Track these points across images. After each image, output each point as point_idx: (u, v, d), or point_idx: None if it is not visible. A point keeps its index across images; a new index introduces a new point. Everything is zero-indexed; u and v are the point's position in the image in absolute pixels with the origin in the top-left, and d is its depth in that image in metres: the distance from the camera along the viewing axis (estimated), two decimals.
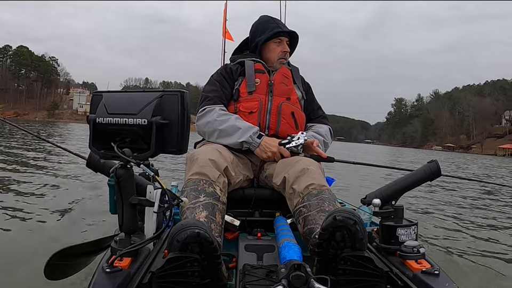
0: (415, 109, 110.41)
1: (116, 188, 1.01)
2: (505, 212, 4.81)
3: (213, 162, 1.37)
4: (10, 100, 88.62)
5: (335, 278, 0.96)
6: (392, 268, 1.06)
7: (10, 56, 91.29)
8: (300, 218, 1.30)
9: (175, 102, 1.01)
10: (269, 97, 1.68)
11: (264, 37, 1.76)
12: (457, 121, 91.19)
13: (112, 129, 1.01)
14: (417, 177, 1.31)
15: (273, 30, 1.76)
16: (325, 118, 1.89)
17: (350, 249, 0.95)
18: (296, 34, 1.84)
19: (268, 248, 1.28)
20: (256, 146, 1.56)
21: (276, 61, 1.78)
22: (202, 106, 1.65)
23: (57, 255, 1.03)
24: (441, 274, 0.98)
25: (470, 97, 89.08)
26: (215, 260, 0.93)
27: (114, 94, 1.08)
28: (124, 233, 1.04)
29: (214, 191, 1.29)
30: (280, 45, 1.79)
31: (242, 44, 1.91)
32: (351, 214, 0.95)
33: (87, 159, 1.36)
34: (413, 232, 1.16)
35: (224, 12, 4.12)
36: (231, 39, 3.86)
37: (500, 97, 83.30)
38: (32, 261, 1.86)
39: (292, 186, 1.38)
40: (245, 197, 1.59)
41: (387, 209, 1.19)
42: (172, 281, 0.91)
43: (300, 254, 1.06)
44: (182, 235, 0.89)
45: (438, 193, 6.06)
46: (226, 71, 1.75)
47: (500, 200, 5.81)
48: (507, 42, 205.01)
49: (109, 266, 0.92)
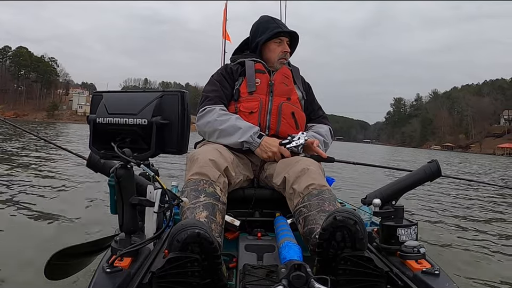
0: (414, 109, 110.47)
1: (116, 188, 1.01)
2: (506, 212, 4.81)
3: (213, 163, 1.37)
4: (10, 101, 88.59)
5: (335, 278, 0.96)
6: (392, 268, 1.06)
7: (10, 57, 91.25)
8: (300, 218, 1.30)
9: (175, 102, 1.01)
10: (269, 97, 1.68)
11: (265, 37, 1.76)
12: (456, 121, 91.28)
13: (112, 129, 1.01)
14: (417, 177, 1.31)
15: (274, 30, 1.76)
16: (325, 118, 1.89)
17: (350, 249, 0.95)
18: (296, 35, 1.84)
19: (268, 248, 1.28)
20: (256, 146, 1.56)
21: (276, 61, 1.78)
22: (203, 106, 1.65)
23: (57, 255, 1.03)
24: (441, 274, 0.98)
25: (468, 96, 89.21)
26: (215, 260, 0.93)
27: (114, 94, 1.08)
28: (124, 233, 1.04)
29: (214, 191, 1.29)
30: (281, 45, 1.79)
31: (243, 43, 1.91)
32: (351, 214, 0.95)
33: (87, 159, 1.36)
34: (413, 232, 1.16)
35: (224, 12, 4.12)
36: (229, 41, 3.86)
37: (498, 96, 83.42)
38: (32, 261, 1.86)
39: (292, 186, 1.38)
40: (245, 197, 1.59)
41: (387, 209, 1.19)
42: (172, 281, 0.91)
43: (300, 254, 1.06)
44: (182, 235, 0.89)
45: (438, 193, 6.06)
46: (227, 71, 1.75)
47: (500, 200, 5.81)
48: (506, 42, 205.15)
49: (109, 266, 0.92)
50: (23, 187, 4.00)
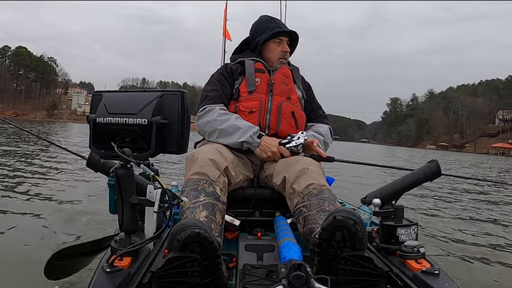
0: (410, 109, 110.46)
1: (116, 187, 1.01)
2: (506, 210, 4.82)
3: (213, 162, 1.37)
4: (9, 100, 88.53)
5: (335, 278, 0.96)
6: (392, 268, 1.06)
7: (9, 57, 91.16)
8: (300, 218, 1.30)
9: (175, 101, 1.01)
10: (269, 96, 1.68)
11: (264, 37, 1.76)
12: (451, 121, 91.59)
13: (112, 129, 1.01)
14: (417, 177, 1.31)
15: (273, 30, 1.76)
16: (325, 117, 1.89)
17: (350, 249, 0.95)
18: (296, 34, 1.84)
19: (268, 248, 1.28)
20: (256, 146, 1.56)
21: (276, 60, 1.78)
22: (203, 105, 1.65)
23: (57, 255, 1.03)
24: (441, 274, 0.98)
25: (463, 97, 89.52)
26: (215, 259, 0.93)
27: (114, 94, 1.08)
28: (124, 233, 1.04)
29: (214, 191, 1.29)
30: (280, 45, 1.79)
31: (243, 43, 1.91)
32: (351, 214, 0.95)
33: (87, 159, 1.36)
34: (413, 232, 1.16)
35: (224, 12, 4.12)
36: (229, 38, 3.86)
37: (493, 97, 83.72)
38: (32, 261, 1.86)
39: (292, 186, 1.38)
40: (245, 196, 1.59)
41: (387, 209, 1.19)
42: (172, 281, 0.91)
43: (300, 254, 1.06)
44: (182, 235, 0.89)
45: (438, 192, 6.07)
46: (227, 70, 1.75)
47: (499, 199, 5.82)
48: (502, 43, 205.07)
49: (109, 266, 0.92)
50: (22, 187, 4.00)
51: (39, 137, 2.06)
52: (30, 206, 3.19)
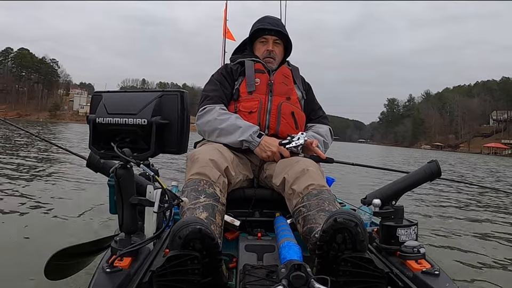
0: (407, 109, 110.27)
1: (116, 188, 1.01)
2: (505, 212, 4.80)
3: (214, 162, 1.37)
4: (12, 101, 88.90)
5: (335, 279, 0.95)
6: (393, 268, 1.06)
7: (12, 58, 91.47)
8: (299, 218, 1.30)
9: (174, 102, 1.01)
10: (269, 97, 1.68)
11: (249, 36, 1.76)
12: (446, 121, 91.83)
13: (112, 129, 1.01)
14: (417, 177, 1.31)
15: (254, 28, 1.75)
16: (325, 118, 1.89)
17: (350, 251, 0.95)
18: (286, 33, 1.79)
19: (268, 248, 1.28)
20: (256, 146, 1.56)
21: (262, 60, 1.77)
22: (203, 105, 1.65)
23: (57, 255, 1.03)
24: (441, 274, 0.98)
25: (459, 97, 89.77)
26: (216, 256, 0.93)
27: (114, 94, 1.08)
28: (124, 233, 1.04)
29: (214, 192, 1.29)
30: (265, 44, 1.77)
31: (243, 43, 1.91)
32: (352, 215, 0.94)
33: (87, 159, 1.36)
34: (413, 232, 1.15)
35: (224, 12, 4.13)
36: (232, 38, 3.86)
37: (487, 97, 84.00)
38: (31, 260, 1.86)
39: (292, 187, 1.37)
40: (245, 197, 1.59)
41: (387, 209, 1.19)
42: (172, 280, 0.91)
43: (300, 254, 1.06)
44: (184, 231, 0.89)
45: (438, 193, 6.05)
46: (227, 70, 1.75)
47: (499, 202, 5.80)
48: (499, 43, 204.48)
49: (109, 266, 0.92)
50: (22, 187, 4.01)
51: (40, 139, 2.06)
52: (30, 206, 3.20)
